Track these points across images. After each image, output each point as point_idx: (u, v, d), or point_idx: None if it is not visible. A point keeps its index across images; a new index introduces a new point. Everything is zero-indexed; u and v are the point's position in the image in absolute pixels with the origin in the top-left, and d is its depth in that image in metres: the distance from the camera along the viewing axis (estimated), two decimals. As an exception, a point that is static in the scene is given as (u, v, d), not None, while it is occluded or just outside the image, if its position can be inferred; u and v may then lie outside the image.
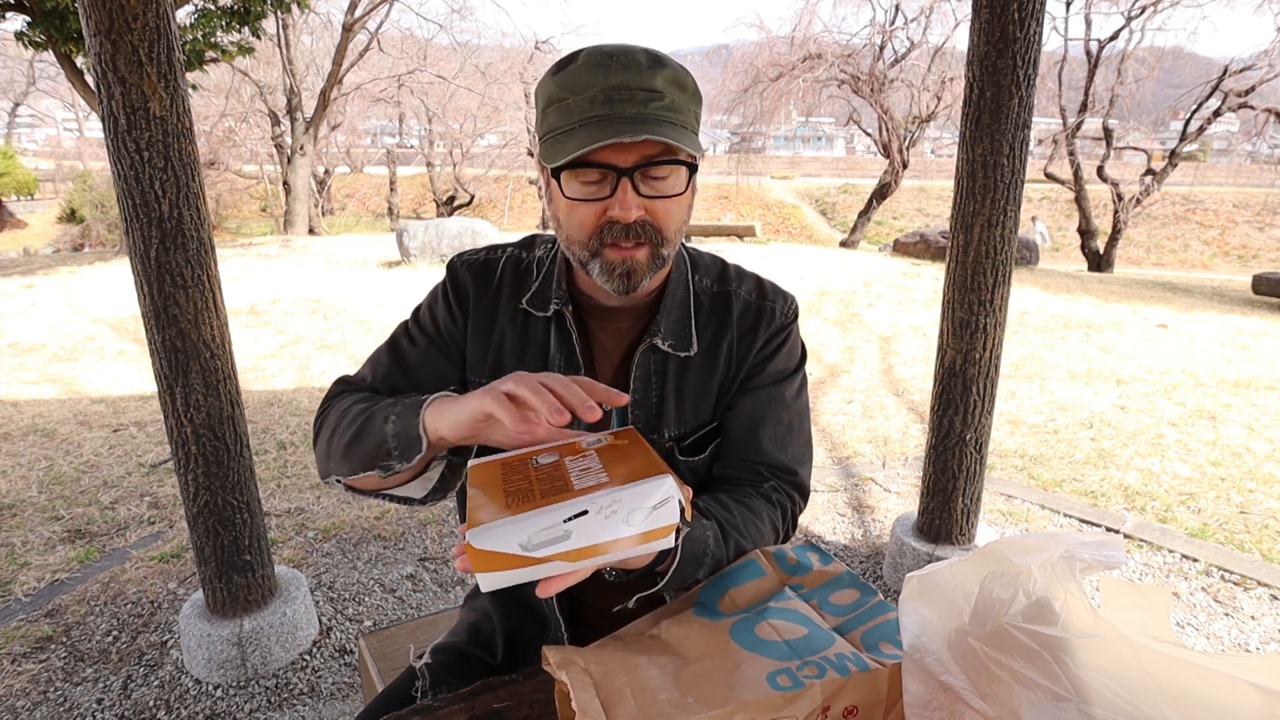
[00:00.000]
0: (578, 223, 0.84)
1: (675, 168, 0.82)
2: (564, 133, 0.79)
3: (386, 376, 0.97)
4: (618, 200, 0.80)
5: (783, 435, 0.97)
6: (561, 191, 0.82)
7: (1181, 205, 22.59)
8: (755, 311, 0.98)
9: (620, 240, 0.82)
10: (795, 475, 0.97)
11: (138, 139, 1.65)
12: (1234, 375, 5.03)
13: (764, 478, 0.95)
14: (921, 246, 11.45)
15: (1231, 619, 2.33)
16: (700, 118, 0.86)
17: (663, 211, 0.83)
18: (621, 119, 0.77)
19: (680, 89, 0.81)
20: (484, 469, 0.73)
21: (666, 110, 0.79)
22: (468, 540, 0.59)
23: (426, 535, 2.85)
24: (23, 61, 23.61)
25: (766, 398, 0.97)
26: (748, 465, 0.96)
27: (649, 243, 0.84)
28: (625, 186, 0.80)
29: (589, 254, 0.85)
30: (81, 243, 21.14)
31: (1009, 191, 2.13)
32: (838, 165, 36.33)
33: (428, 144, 23.70)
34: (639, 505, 0.61)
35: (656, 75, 0.79)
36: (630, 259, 0.84)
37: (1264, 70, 12.67)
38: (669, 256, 0.87)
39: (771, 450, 0.96)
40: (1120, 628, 0.53)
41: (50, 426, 3.96)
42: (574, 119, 0.78)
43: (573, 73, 0.79)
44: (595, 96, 0.78)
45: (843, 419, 4.19)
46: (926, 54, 13.73)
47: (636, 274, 0.85)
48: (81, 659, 2.12)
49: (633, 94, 0.78)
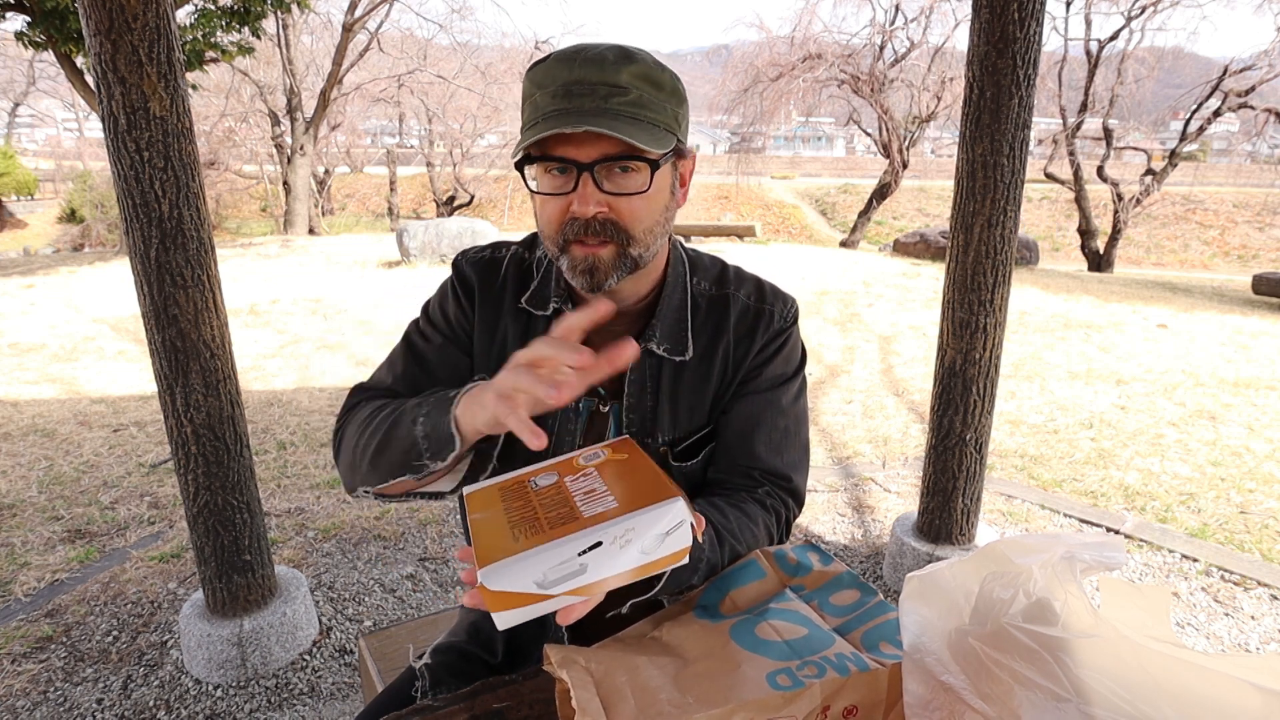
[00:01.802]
0: (546, 218, 0.84)
1: (639, 165, 0.80)
2: (528, 127, 0.80)
3: (405, 375, 0.96)
4: (578, 195, 0.80)
5: (779, 441, 0.95)
6: (528, 186, 0.84)
7: (1181, 205, 22.60)
8: (753, 315, 0.96)
9: (583, 236, 0.82)
10: (790, 481, 0.96)
11: (138, 139, 1.65)
12: (1234, 375, 5.03)
13: (758, 483, 0.94)
14: (921, 246, 11.45)
15: (1231, 619, 2.33)
16: (683, 117, 0.85)
17: (626, 209, 0.82)
18: (576, 112, 0.76)
19: (653, 85, 0.80)
20: (481, 495, 0.72)
21: (629, 105, 0.78)
22: (481, 581, 0.58)
23: (426, 535, 2.84)
24: (23, 61, 23.62)
25: (763, 403, 0.95)
26: (742, 470, 0.95)
27: (613, 241, 0.83)
28: (585, 181, 0.79)
29: (558, 250, 0.85)
30: (81, 243, 21.14)
31: (1009, 191, 2.13)
32: (838, 165, 36.34)
33: (428, 144, 23.70)
34: (651, 531, 0.61)
35: (622, 70, 0.78)
36: (593, 256, 0.83)
37: (1264, 70, 12.68)
38: (640, 257, 0.85)
39: (767, 456, 0.95)
40: (1120, 628, 0.53)
41: (50, 426, 3.96)
42: (538, 113, 0.79)
43: (542, 68, 0.80)
44: (556, 91, 0.78)
45: (843, 419, 4.19)
46: (926, 54, 13.73)
47: (600, 272, 0.83)
48: (81, 659, 2.12)
49: (593, 88, 0.77)
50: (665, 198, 0.86)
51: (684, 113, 0.86)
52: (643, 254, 0.85)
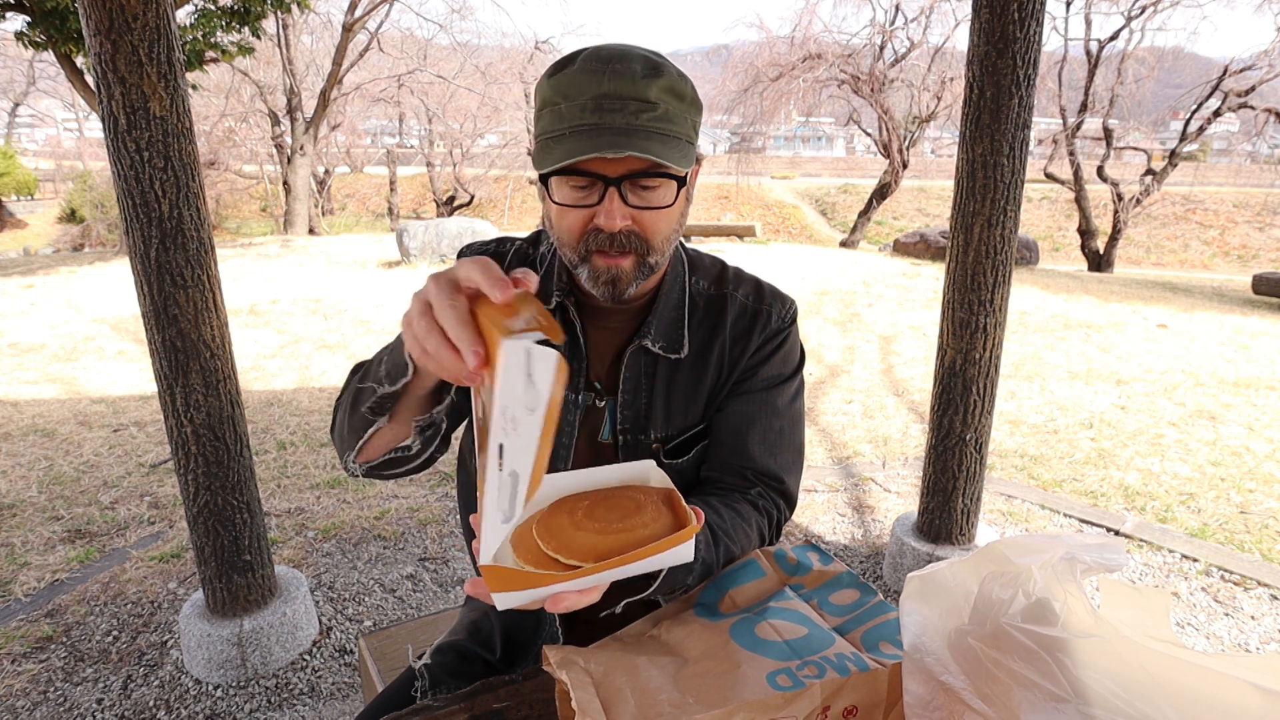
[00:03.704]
0: (566, 228, 0.84)
1: (664, 180, 0.81)
2: (554, 138, 0.79)
3: None
4: (604, 210, 0.80)
5: (773, 441, 0.95)
6: (551, 196, 0.83)
7: (1181, 205, 22.59)
8: (750, 315, 0.97)
9: (606, 248, 0.82)
10: (782, 483, 0.96)
11: (138, 139, 1.65)
12: (1234, 375, 5.03)
13: (751, 483, 0.94)
14: (921, 246, 11.45)
15: (1231, 619, 2.33)
16: (699, 125, 0.86)
17: (650, 222, 0.83)
18: (609, 130, 0.76)
19: (677, 98, 0.80)
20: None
21: (659, 121, 0.78)
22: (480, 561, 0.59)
23: (426, 535, 2.84)
24: (23, 61, 23.62)
25: (758, 402, 0.95)
26: (734, 469, 0.95)
27: (634, 252, 0.84)
28: (612, 196, 0.79)
29: (577, 259, 0.85)
30: (81, 243, 21.13)
31: (1009, 191, 2.13)
32: (838, 165, 36.32)
33: (428, 144, 23.69)
34: (514, 381, 0.55)
35: (651, 85, 0.77)
36: (616, 267, 0.84)
37: (1264, 70, 12.67)
38: (657, 264, 0.87)
39: (760, 456, 0.94)
40: (1120, 628, 0.53)
41: (50, 426, 3.96)
42: (564, 125, 0.78)
43: (568, 77, 0.78)
44: (586, 104, 0.77)
45: (843, 419, 4.19)
46: (926, 54, 13.73)
47: (622, 282, 0.85)
48: (81, 659, 2.12)
49: (624, 104, 0.76)
50: (683, 206, 0.87)
51: (699, 122, 0.87)
52: (659, 261, 0.87)
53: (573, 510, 0.68)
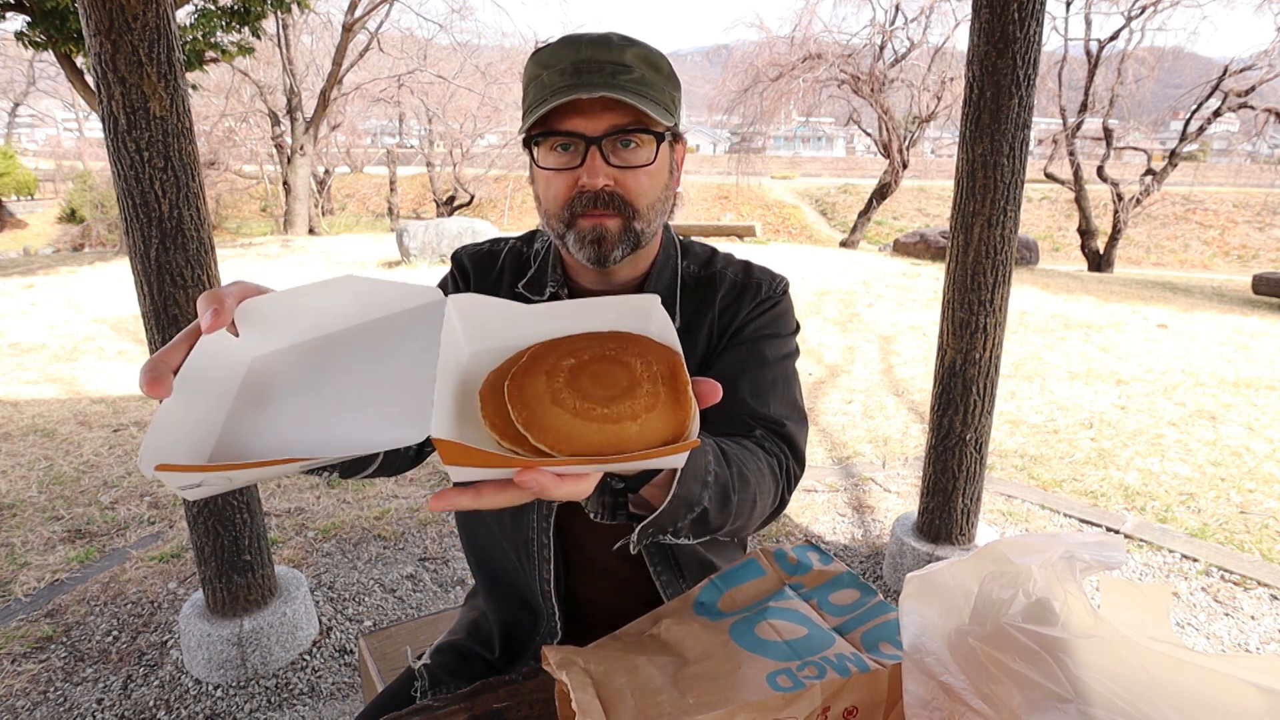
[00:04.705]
0: (552, 194, 0.86)
1: (645, 138, 0.84)
2: (536, 105, 0.82)
3: None
4: (586, 169, 0.83)
5: (765, 390, 0.90)
6: (537, 163, 0.86)
7: (1181, 205, 22.59)
8: (739, 289, 0.97)
9: (590, 209, 0.84)
10: (782, 426, 0.89)
11: (138, 139, 1.65)
12: (1234, 375, 5.03)
13: (750, 426, 0.88)
14: (921, 246, 11.45)
15: (1231, 619, 2.33)
16: (678, 101, 0.89)
17: (633, 183, 0.85)
18: (587, 86, 0.79)
19: (653, 69, 0.84)
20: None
21: (635, 83, 0.82)
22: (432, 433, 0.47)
23: (426, 535, 2.84)
24: (23, 61, 23.61)
25: (745, 353, 0.93)
26: (730, 415, 0.89)
27: (620, 214, 0.85)
28: (594, 154, 0.82)
29: (564, 225, 0.86)
30: (81, 243, 21.12)
31: (1009, 191, 2.13)
32: (838, 165, 36.29)
33: (428, 144, 23.68)
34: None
35: (626, 51, 0.82)
36: (601, 226, 0.85)
37: (1264, 70, 12.67)
38: (643, 233, 0.87)
39: (752, 401, 0.89)
40: (1120, 628, 0.53)
41: (50, 426, 3.96)
42: (545, 91, 0.81)
43: (547, 51, 0.84)
44: (565, 69, 0.81)
45: (843, 419, 4.19)
46: (926, 54, 13.73)
47: (607, 242, 0.86)
48: (81, 659, 2.12)
49: (600, 66, 0.81)
50: (665, 175, 0.89)
51: (679, 98, 0.89)
52: (645, 230, 0.88)
53: (553, 371, 0.55)
